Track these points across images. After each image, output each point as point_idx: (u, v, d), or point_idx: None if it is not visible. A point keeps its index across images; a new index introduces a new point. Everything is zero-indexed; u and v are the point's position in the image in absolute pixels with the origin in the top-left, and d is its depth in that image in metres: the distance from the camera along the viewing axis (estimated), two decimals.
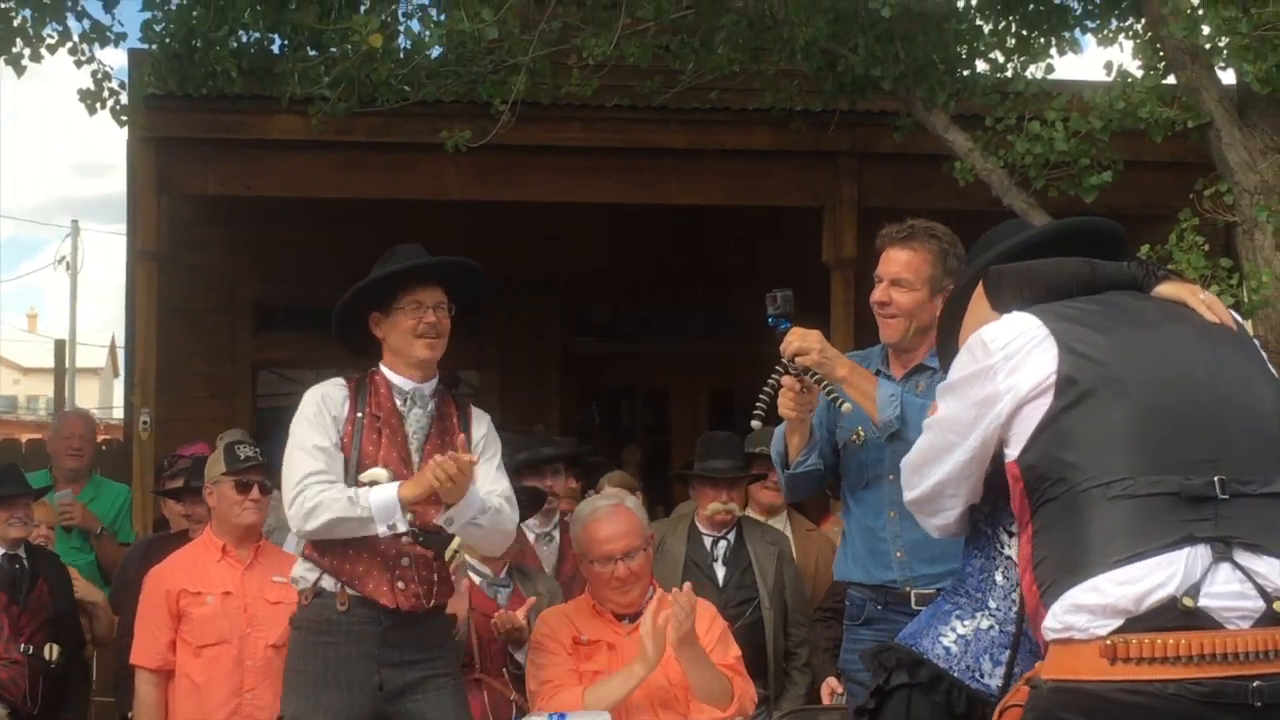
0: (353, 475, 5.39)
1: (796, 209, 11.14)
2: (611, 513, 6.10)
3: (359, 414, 5.47)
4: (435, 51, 9.77)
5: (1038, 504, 3.26)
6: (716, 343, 13.77)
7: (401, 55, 9.72)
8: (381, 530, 5.30)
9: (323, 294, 13.29)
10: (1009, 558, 3.62)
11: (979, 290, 3.63)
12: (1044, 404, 3.28)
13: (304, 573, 5.57)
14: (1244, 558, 3.13)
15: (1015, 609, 3.57)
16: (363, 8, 9.61)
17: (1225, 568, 3.11)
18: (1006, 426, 3.37)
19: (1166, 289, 3.55)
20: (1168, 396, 3.26)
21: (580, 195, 11.06)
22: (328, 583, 5.46)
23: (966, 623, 3.66)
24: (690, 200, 11.22)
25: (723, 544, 7.51)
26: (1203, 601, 3.08)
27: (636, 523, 6.13)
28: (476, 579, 6.34)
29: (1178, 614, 3.07)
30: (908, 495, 3.75)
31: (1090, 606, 3.10)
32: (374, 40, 8.83)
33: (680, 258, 13.15)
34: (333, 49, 9.52)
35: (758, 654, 7.11)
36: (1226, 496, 3.15)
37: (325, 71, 9.45)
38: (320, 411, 5.49)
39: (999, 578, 3.64)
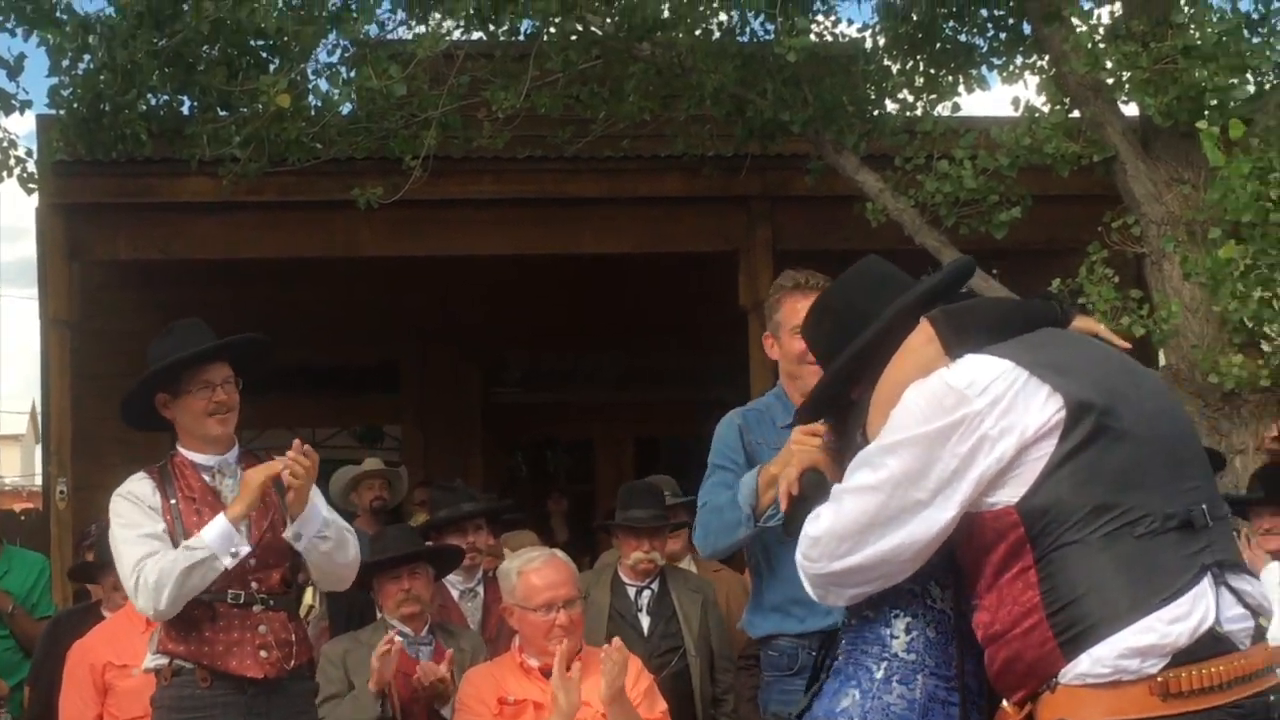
0: None
1: (712, 254, 11.18)
2: (548, 561, 6.09)
3: (172, 500, 5.41)
4: (345, 109, 9.76)
5: (1048, 549, 3.20)
6: (638, 390, 13.79)
7: (312, 114, 9.69)
8: (227, 561, 5.25)
9: None
10: (941, 611, 3.55)
11: (923, 335, 3.44)
12: (1050, 444, 3.20)
13: (157, 663, 5.51)
14: (1232, 579, 3.23)
15: (955, 662, 3.53)
16: (272, 67, 9.58)
17: (1226, 592, 3.19)
18: (1006, 472, 3.23)
19: (1079, 323, 3.57)
20: (1155, 429, 3.27)
21: (494, 247, 11.07)
22: (186, 662, 5.41)
23: (912, 686, 3.57)
24: (604, 248, 11.25)
25: (647, 593, 7.47)
26: (1226, 627, 3.16)
27: (571, 572, 6.15)
28: (398, 639, 6.29)
29: (1213, 641, 3.13)
30: (831, 566, 3.41)
31: (1144, 648, 3.10)
32: (282, 100, 8.81)
33: (599, 306, 13.16)
34: (242, 109, 9.49)
35: (684, 703, 7.07)
36: (1210, 523, 3.23)
37: (235, 132, 9.41)
38: (134, 506, 5.41)
39: (931, 634, 3.55)
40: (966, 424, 3.24)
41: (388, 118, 9.59)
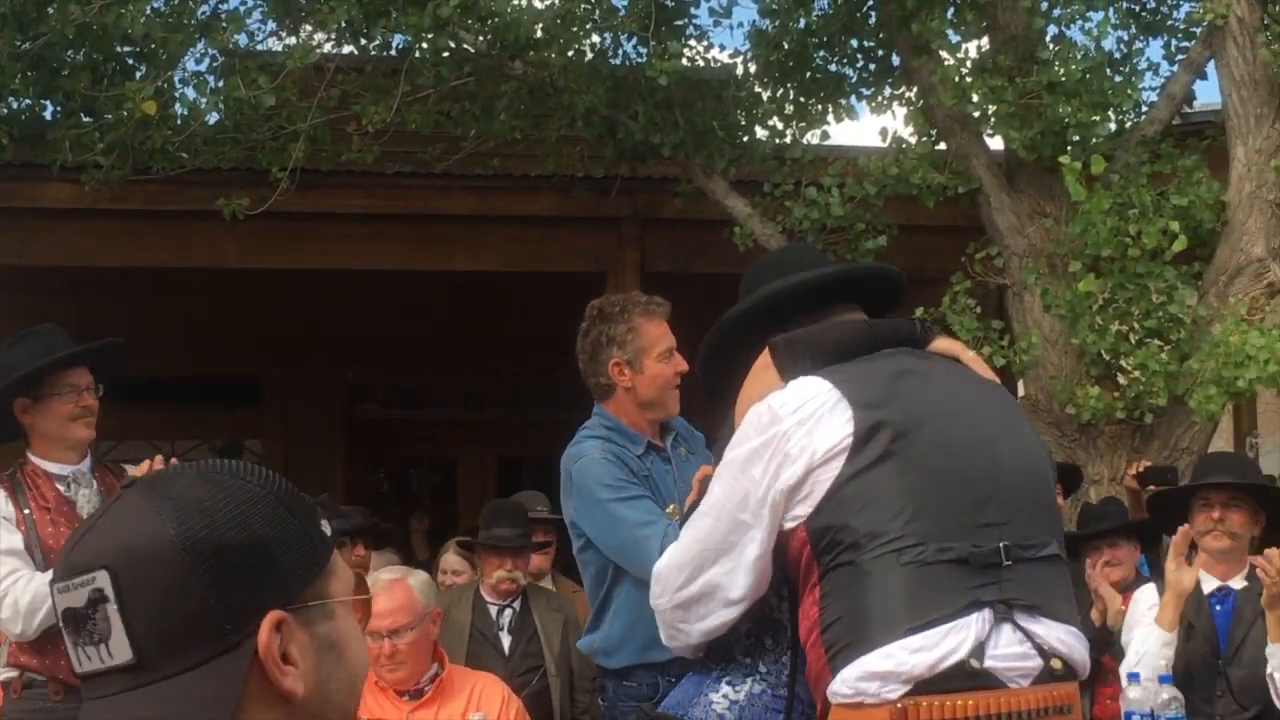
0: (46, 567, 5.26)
1: (580, 275, 11.17)
2: (387, 588, 5.88)
3: (25, 511, 5.33)
4: (212, 118, 9.65)
5: (827, 568, 3.22)
6: (504, 409, 13.76)
7: (178, 122, 9.57)
8: None
9: None
10: (777, 620, 3.59)
11: (764, 361, 3.48)
12: (837, 467, 3.22)
13: (7, 675, 5.41)
14: (1024, 619, 3.20)
15: (787, 671, 3.57)
16: (138, 74, 9.45)
17: (1007, 629, 3.17)
18: (796, 490, 3.25)
19: (941, 344, 3.59)
20: (957, 460, 3.27)
21: (362, 262, 10.98)
22: (39, 675, 5.33)
23: (738, 688, 3.61)
24: (473, 267, 11.20)
25: (508, 612, 7.44)
26: (988, 663, 3.13)
27: (410, 600, 5.95)
28: None
29: (965, 675, 3.11)
30: (675, 598, 3.42)
31: (883, 673, 3.11)
32: (148, 107, 8.69)
33: (467, 325, 13.11)
34: (107, 115, 9.35)
35: None
36: (1010, 563, 3.21)
37: (99, 138, 9.26)
38: None
39: (768, 641, 3.59)
40: (775, 443, 3.28)
41: (255, 128, 9.49)
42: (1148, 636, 5.80)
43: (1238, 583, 5.82)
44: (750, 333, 3.63)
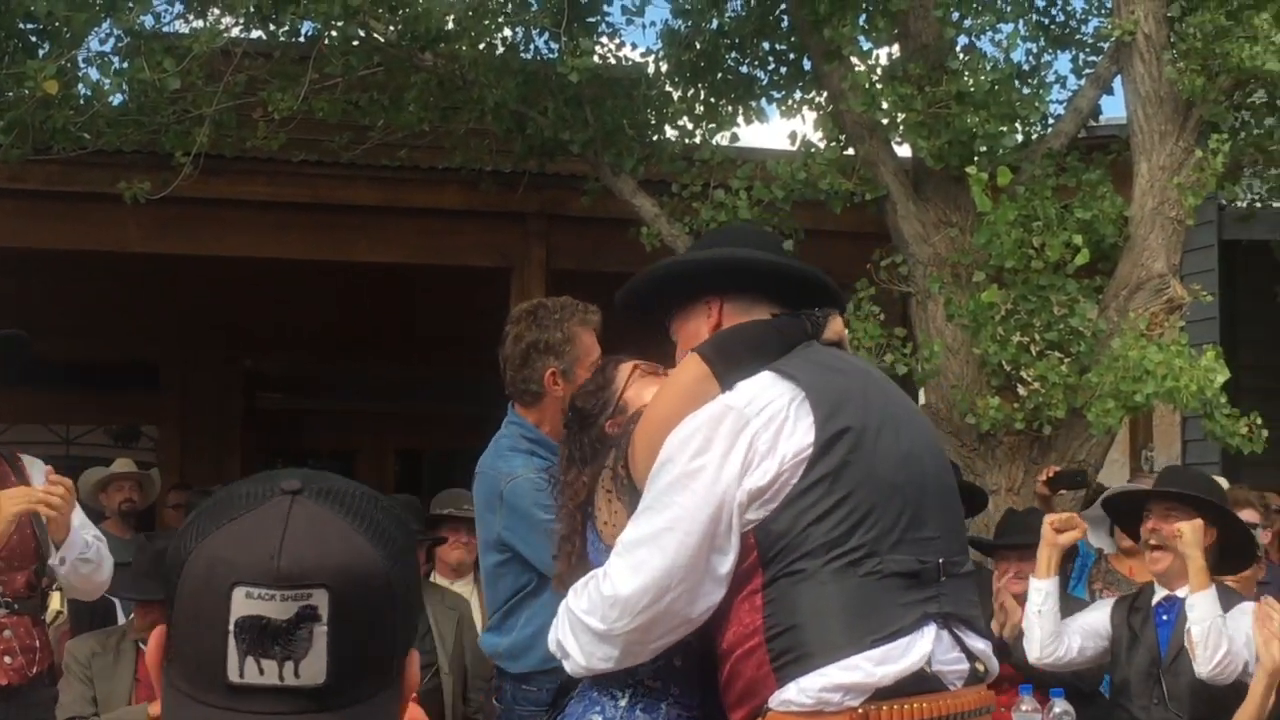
0: None
1: (485, 269, 11.13)
2: None
3: None
4: (116, 100, 9.50)
5: (775, 575, 3.21)
6: (404, 402, 13.68)
7: (80, 102, 9.41)
8: None
9: None
10: (686, 641, 3.52)
11: (694, 370, 3.40)
12: (800, 471, 3.21)
13: None
14: (959, 631, 3.31)
15: (697, 690, 3.52)
16: (41, 52, 9.29)
17: (947, 638, 3.27)
18: (761, 493, 3.21)
19: (832, 329, 3.58)
20: (901, 473, 3.30)
21: (265, 250, 10.87)
22: None
23: (654, 715, 3.55)
24: (378, 258, 11.12)
25: None
26: (935, 667, 3.22)
27: None
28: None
29: (917, 680, 3.19)
30: (630, 621, 3.27)
31: (849, 685, 3.14)
32: (49, 86, 8.52)
33: (369, 315, 13.03)
34: (7, 94, 9.17)
35: None
36: (944, 578, 3.29)
37: None
38: None
39: (677, 662, 3.53)
40: (744, 444, 3.24)
41: (160, 112, 9.35)
42: (1033, 590, 5.96)
43: (1183, 592, 5.87)
44: (689, 288, 3.65)
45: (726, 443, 3.24)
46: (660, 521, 3.26)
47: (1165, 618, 5.92)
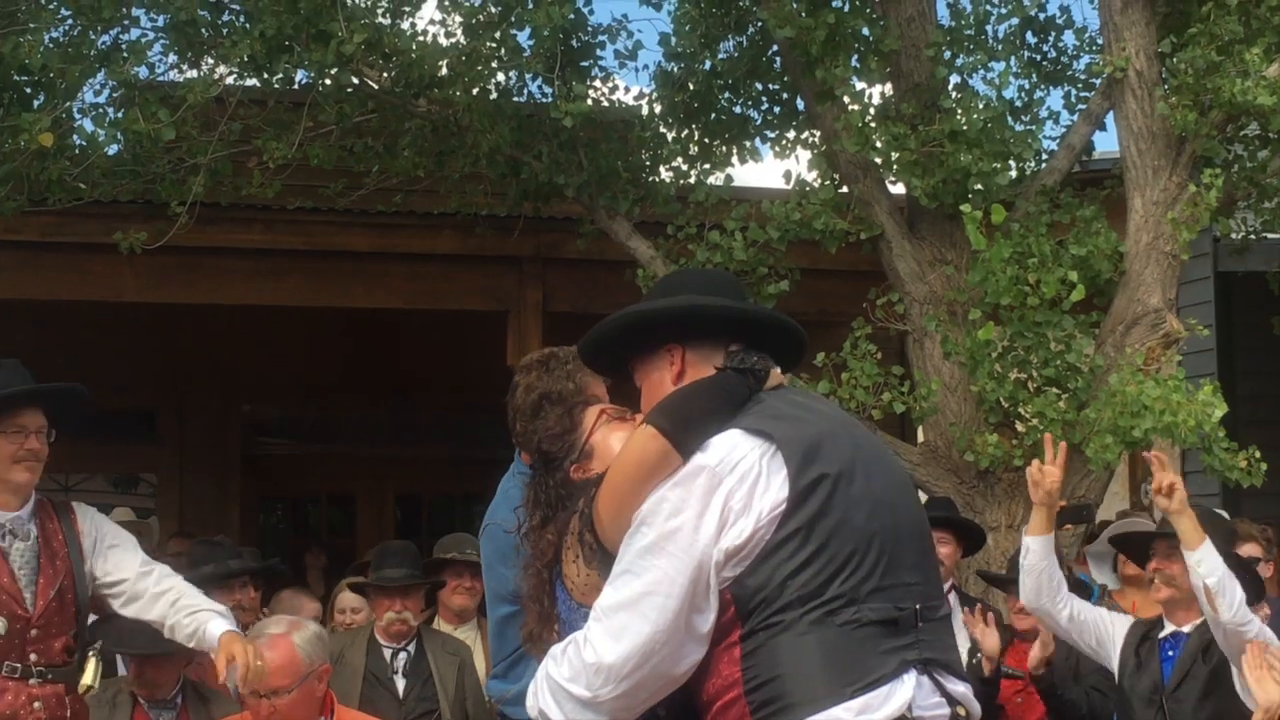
0: None
1: (482, 313, 11.14)
2: (270, 644, 5.64)
3: None
4: (111, 150, 9.51)
5: (754, 628, 3.23)
6: (403, 446, 13.67)
7: (76, 153, 9.42)
8: None
9: None
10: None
11: (650, 442, 3.37)
12: (774, 525, 3.23)
13: None
14: (938, 675, 3.31)
15: None
16: (36, 104, 9.31)
17: (928, 683, 3.28)
18: (737, 552, 3.23)
19: (773, 380, 3.57)
20: (876, 519, 3.30)
21: (262, 298, 10.88)
22: None
23: None
24: (374, 304, 11.13)
25: (403, 655, 7.37)
26: (916, 713, 3.23)
27: (292, 660, 5.71)
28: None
29: None
30: (615, 688, 3.26)
31: None
32: (45, 139, 8.54)
33: (367, 361, 13.03)
34: (3, 145, 9.18)
35: None
36: (921, 624, 3.30)
37: None
38: None
39: (661, 713, 3.52)
40: (717, 500, 3.25)
41: (155, 161, 9.36)
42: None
43: (1188, 627, 5.96)
44: (649, 337, 3.64)
45: (701, 503, 3.26)
46: (639, 586, 3.26)
47: (1171, 653, 5.97)
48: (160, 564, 5.42)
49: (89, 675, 5.23)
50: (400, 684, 7.31)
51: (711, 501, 3.25)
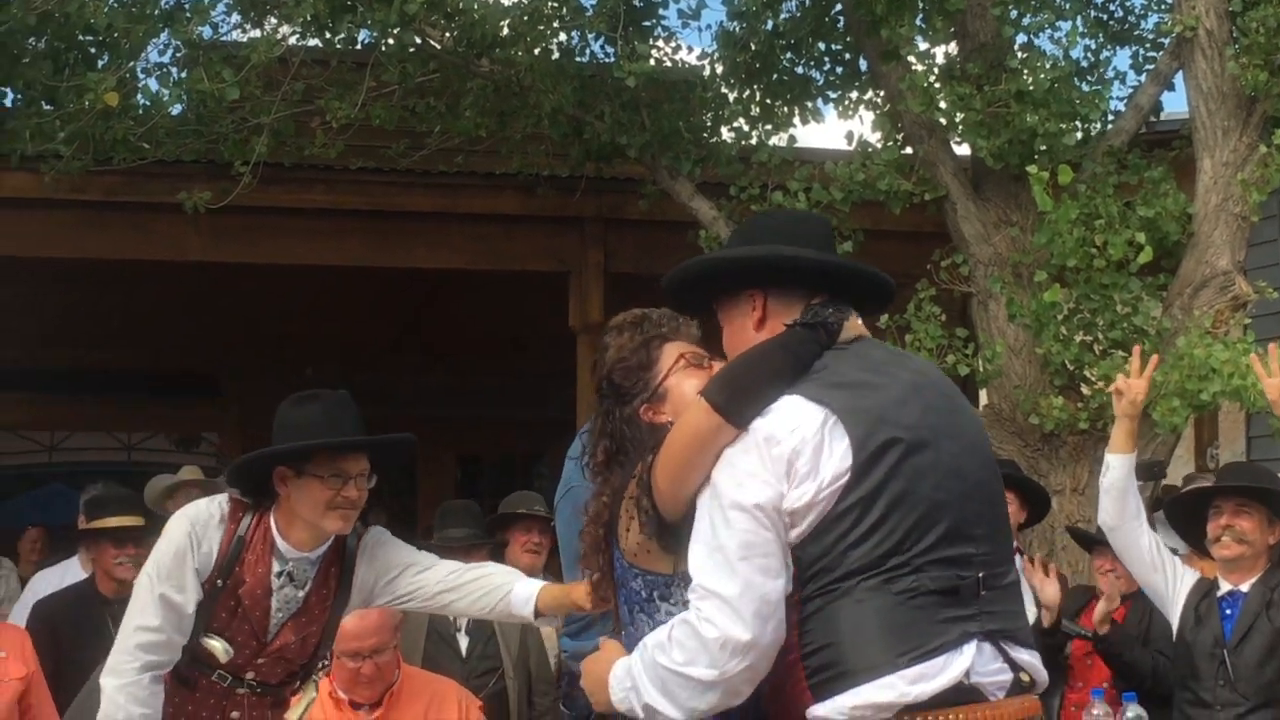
0: (194, 640, 4.64)
1: (543, 274, 11.13)
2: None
3: (219, 582, 4.63)
4: (175, 110, 9.55)
5: (811, 594, 3.22)
6: (463, 407, 13.71)
7: (140, 113, 9.46)
8: None
9: (53, 354, 13.04)
10: None
11: (703, 415, 3.33)
12: (837, 493, 3.20)
13: None
14: (1005, 645, 3.30)
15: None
16: (100, 64, 9.35)
17: (988, 648, 3.26)
18: (797, 515, 3.21)
19: (851, 330, 3.53)
20: (944, 488, 3.27)
21: (324, 258, 10.91)
22: None
23: None
24: (436, 264, 11.15)
25: None
26: (974, 679, 3.21)
27: (387, 618, 5.83)
28: None
29: (954, 692, 3.18)
30: (740, 663, 3.20)
31: (883, 704, 3.15)
32: (110, 98, 8.59)
33: (427, 321, 13.05)
34: (68, 105, 9.23)
35: None
36: (985, 592, 3.27)
37: (60, 128, 9.14)
38: (179, 559, 4.61)
39: None
40: (781, 466, 3.22)
41: (219, 121, 9.40)
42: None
43: (1247, 586, 5.92)
44: (731, 282, 3.59)
45: (766, 468, 3.23)
46: (733, 554, 3.22)
47: (1229, 611, 5.96)
48: (428, 556, 5.03)
49: (296, 712, 5.13)
50: (464, 642, 7.33)
51: (776, 467, 3.22)
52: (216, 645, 4.66)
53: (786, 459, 3.22)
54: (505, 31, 9.40)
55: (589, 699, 3.57)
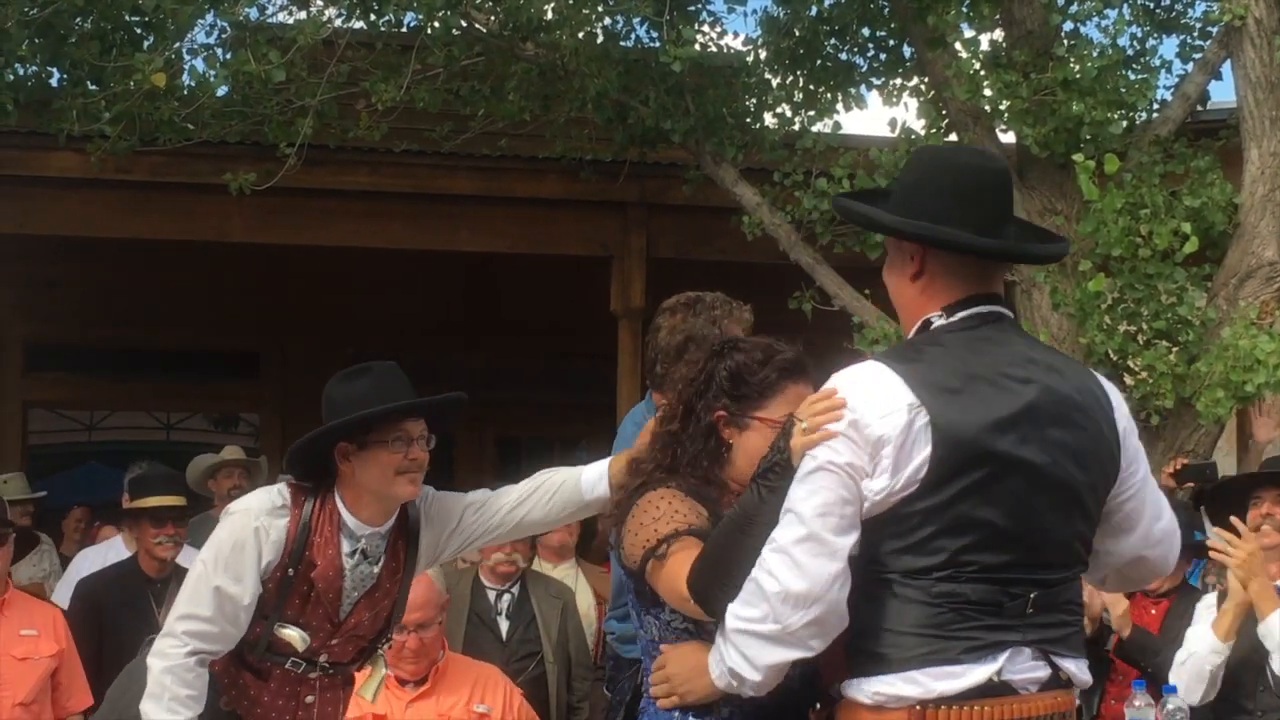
0: (268, 629, 4.63)
1: (585, 258, 11.14)
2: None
3: (290, 571, 4.58)
4: (221, 91, 9.57)
5: (859, 574, 3.23)
6: (503, 389, 13.70)
7: (185, 94, 9.48)
8: None
9: (97, 333, 13.09)
10: None
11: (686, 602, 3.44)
12: (904, 498, 3.18)
13: None
14: (1048, 648, 3.30)
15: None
16: (146, 44, 9.37)
17: (1028, 651, 3.26)
18: (868, 498, 3.20)
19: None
20: (1013, 523, 3.21)
21: (367, 240, 10.94)
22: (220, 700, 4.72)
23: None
24: (479, 247, 11.17)
25: (506, 597, 7.42)
26: (1004, 677, 3.22)
27: (434, 594, 5.87)
28: None
29: (980, 689, 3.20)
30: (800, 618, 3.20)
31: (907, 696, 3.18)
32: (157, 79, 8.61)
33: (469, 304, 13.08)
34: (114, 85, 9.25)
35: (541, 709, 7.03)
36: (1034, 610, 3.25)
37: (106, 108, 9.17)
38: (240, 549, 4.57)
39: None
40: (865, 448, 3.20)
41: (264, 103, 9.42)
42: (1202, 638, 5.79)
43: None
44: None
45: (855, 441, 3.20)
46: (805, 512, 3.22)
47: None
48: (481, 492, 5.00)
49: (370, 688, 5.17)
50: (504, 626, 7.36)
51: (864, 443, 3.19)
52: (294, 634, 4.64)
53: (871, 446, 3.18)
54: (550, 15, 9.40)
55: (673, 693, 3.55)
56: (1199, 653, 5.78)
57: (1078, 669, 3.35)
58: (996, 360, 3.32)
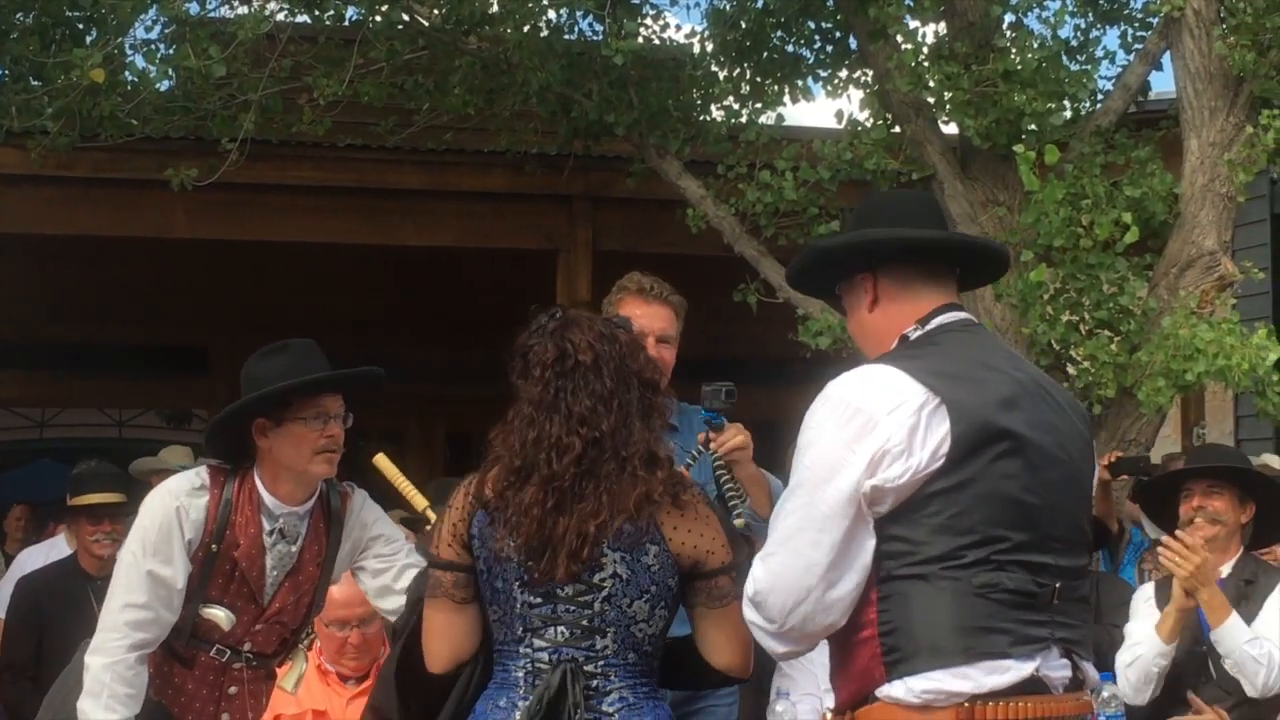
0: (193, 611, 4.63)
1: (531, 251, 11.13)
2: (348, 577, 5.41)
3: (213, 547, 4.59)
4: (163, 86, 9.53)
5: (891, 574, 3.23)
6: (452, 384, 13.67)
7: (127, 89, 9.43)
8: None
9: (45, 331, 13.02)
10: None
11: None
12: (928, 476, 3.19)
13: None
14: (1070, 649, 3.34)
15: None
16: (88, 39, 9.33)
17: (1056, 650, 3.31)
18: (884, 491, 3.20)
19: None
20: (1035, 497, 3.27)
21: (313, 235, 10.91)
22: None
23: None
24: (425, 241, 11.15)
25: None
26: (1042, 673, 3.26)
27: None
28: None
29: (1025, 683, 3.23)
30: (788, 621, 3.27)
31: (958, 692, 3.19)
32: (96, 74, 8.56)
33: (417, 299, 13.05)
34: (55, 81, 9.20)
35: None
36: (1059, 602, 3.30)
37: (47, 104, 9.12)
38: (163, 533, 4.57)
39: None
40: (875, 439, 3.21)
41: (206, 98, 9.38)
42: (1147, 639, 5.80)
43: (1225, 569, 5.83)
44: (838, 269, 3.59)
45: (854, 440, 3.22)
46: (793, 521, 3.28)
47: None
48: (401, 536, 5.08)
49: (290, 679, 5.21)
50: None
51: (866, 440, 3.20)
52: (219, 614, 4.67)
53: (882, 437, 3.20)
54: (493, 9, 9.41)
55: None
56: (1145, 656, 5.79)
57: (1092, 672, 3.42)
58: (984, 353, 3.43)
